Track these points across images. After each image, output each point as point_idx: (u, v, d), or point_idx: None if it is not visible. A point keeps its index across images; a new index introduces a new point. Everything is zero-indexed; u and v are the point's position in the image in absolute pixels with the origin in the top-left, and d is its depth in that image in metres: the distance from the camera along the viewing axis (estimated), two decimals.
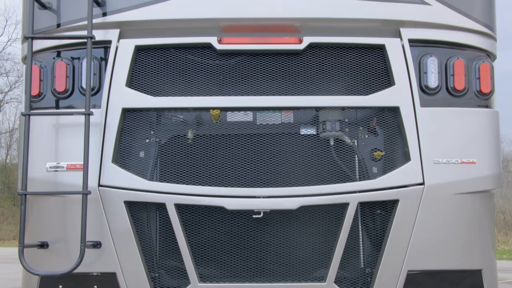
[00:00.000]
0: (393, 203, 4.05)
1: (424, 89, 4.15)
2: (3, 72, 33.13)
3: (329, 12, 4.14)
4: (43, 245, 4.03)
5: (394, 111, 4.16)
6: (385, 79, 4.20)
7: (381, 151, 4.24)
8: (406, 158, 4.08)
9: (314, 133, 4.24)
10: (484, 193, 4.18)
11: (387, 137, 4.24)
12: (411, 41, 4.16)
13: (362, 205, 4.15)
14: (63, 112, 4.14)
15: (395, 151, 4.20)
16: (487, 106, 4.26)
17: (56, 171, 4.04)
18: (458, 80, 4.15)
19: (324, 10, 4.14)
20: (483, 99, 4.23)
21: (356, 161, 4.24)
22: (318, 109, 4.21)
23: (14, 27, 33.51)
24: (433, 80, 4.15)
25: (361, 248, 4.20)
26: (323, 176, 4.17)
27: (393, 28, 4.19)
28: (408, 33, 4.17)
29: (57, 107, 4.18)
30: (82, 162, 3.90)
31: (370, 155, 4.25)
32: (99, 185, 3.99)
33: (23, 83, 4.31)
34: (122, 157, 4.16)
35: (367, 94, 4.16)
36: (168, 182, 4.12)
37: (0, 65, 33.30)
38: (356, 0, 4.13)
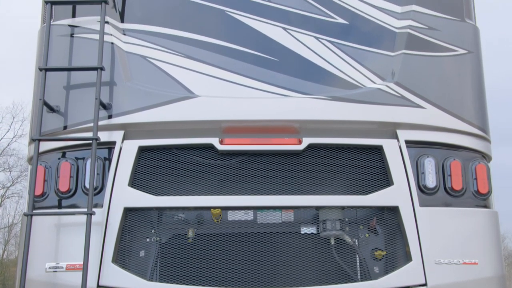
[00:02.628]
0: None
1: (422, 189, 4.20)
2: (7, 167, 33.39)
3: (328, 115, 4.27)
4: None
5: (393, 211, 4.19)
6: (384, 179, 4.26)
7: (382, 250, 4.22)
8: (407, 258, 4.06)
9: (315, 232, 4.25)
10: None
11: (387, 237, 4.23)
12: (407, 142, 4.27)
13: None
14: (65, 212, 4.17)
15: (396, 250, 4.18)
16: (485, 206, 4.29)
17: (55, 271, 4.01)
18: (456, 181, 4.21)
19: (322, 113, 4.27)
20: (481, 199, 4.28)
21: (357, 261, 4.21)
22: (318, 208, 4.24)
23: (21, 124, 34.15)
24: (431, 180, 4.21)
25: None
26: (324, 276, 4.13)
27: (390, 130, 4.31)
28: (404, 135, 4.28)
29: (59, 206, 4.21)
30: (82, 262, 3.87)
31: (371, 254, 4.23)
32: (98, 286, 3.94)
33: (27, 182, 4.37)
34: (122, 257, 4.14)
35: (367, 194, 4.20)
36: (168, 282, 4.07)
37: (4, 160, 33.60)
38: (353, 103, 4.27)
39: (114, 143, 4.24)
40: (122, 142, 4.24)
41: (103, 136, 4.18)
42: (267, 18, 4.50)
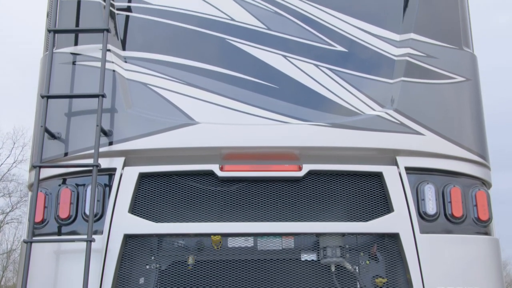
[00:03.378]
0: None
1: (423, 216, 4.20)
2: (6, 193, 33.31)
3: (328, 141, 4.29)
4: None
5: (394, 238, 4.18)
6: (384, 206, 4.26)
7: (382, 277, 4.20)
8: (409, 285, 4.04)
9: (315, 259, 4.23)
10: None
11: (388, 264, 4.21)
12: (407, 169, 4.28)
13: None
14: (65, 239, 4.16)
15: (397, 277, 4.16)
16: (486, 233, 4.28)
17: None
18: (456, 207, 4.21)
19: (322, 139, 4.29)
20: (482, 226, 4.27)
21: None
22: (318, 235, 4.23)
23: (21, 149, 34.18)
24: (431, 207, 4.21)
25: None
26: None
27: (389, 156, 4.33)
28: (404, 161, 4.29)
29: (59, 233, 4.20)
30: None
31: (372, 281, 4.21)
32: None
33: (26, 208, 4.36)
34: (121, 284, 4.11)
35: (367, 221, 4.20)
36: None
37: (4, 186, 33.55)
38: (353, 130, 4.30)
39: (114, 169, 4.25)
40: (123, 168, 4.25)
41: (104, 163, 4.20)
42: (267, 46, 4.55)
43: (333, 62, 4.50)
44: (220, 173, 4.26)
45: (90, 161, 4.17)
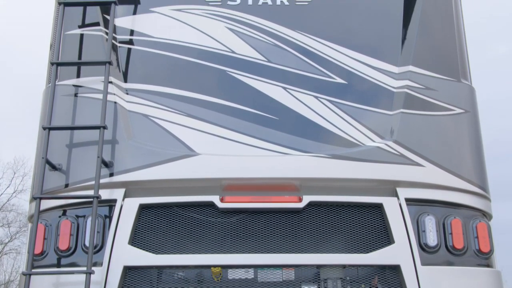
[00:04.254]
0: None
1: (424, 248, 4.18)
2: (5, 223, 33.14)
3: (327, 173, 4.30)
4: None
5: (395, 270, 4.15)
6: (385, 237, 4.24)
7: None
8: None
9: None
10: None
11: None
12: (407, 200, 4.28)
13: None
14: (64, 271, 4.13)
15: None
16: (488, 265, 4.26)
17: None
18: (457, 239, 4.20)
19: (322, 171, 4.30)
20: (483, 258, 4.25)
21: None
22: (319, 266, 4.21)
23: (21, 179, 34.13)
24: (432, 239, 4.19)
25: None
26: None
27: (389, 187, 4.33)
28: (404, 193, 4.30)
29: (58, 265, 4.18)
30: None
31: None
32: None
33: (25, 238, 4.36)
34: None
35: (368, 252, 4.18)
36: None
37: (3, 216, 33.39)
38: (353, 161, 4.31)
39: (115, 201, 4.25)
40: (123, 200, 4.26)
41: (104, 194, 4.20)
42: (267, 78, 4.60)
43: (332, 94, 4.54)
44: (220, 205, 4.26)
45: (90, 192, 4.17)
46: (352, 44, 4.73)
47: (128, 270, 4.15)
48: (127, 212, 4.22)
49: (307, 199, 4.27)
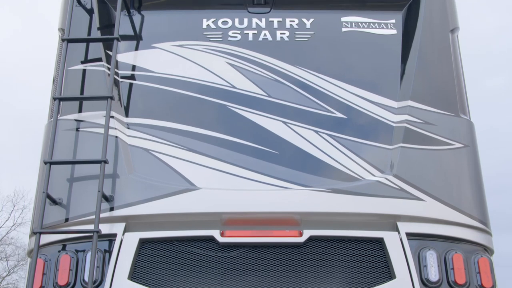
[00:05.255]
0: None
1: (425, 283, 4.14)
2: (4, 257, 32.84)
3: (328, 207, 4.30)
4: None
5: None
6: (386, 272, 4.21)
7: None
8: None
9: None
10: None
11: None
12: (408, 234, 4.26)
13: None
14: None
15: None
16: None
17: None
18: (459, 274, 4.16)
19: (322, 205, 4.30)
20: None
21: None
22: None
23: (21, 212, 33.97)
24: (433, 274, 4.16)
25: None
26: None
27: (390, 222, 4.32)
28: (405, 227, 4.28)
29: None
30: None
31: None
32: None
33: (23, 272, 4.32)
34: None
35: None
36: None
37: (2, 249, 33.11)
38: (353, 195, 4.31)
39: (115, 235, 4.24)
40: (123, 234, 4.25)
41: (104, 229, 4.19)
42: (267, 112, 4.64)
43: (332, 128, 4.57)
44: (220, 239, 4.24)
45: (90, 226, 4.16)
46: (351, 79, 4.78)
47: None
48: (127, 246, 4.21)
49: (307, 233, 4.26)
